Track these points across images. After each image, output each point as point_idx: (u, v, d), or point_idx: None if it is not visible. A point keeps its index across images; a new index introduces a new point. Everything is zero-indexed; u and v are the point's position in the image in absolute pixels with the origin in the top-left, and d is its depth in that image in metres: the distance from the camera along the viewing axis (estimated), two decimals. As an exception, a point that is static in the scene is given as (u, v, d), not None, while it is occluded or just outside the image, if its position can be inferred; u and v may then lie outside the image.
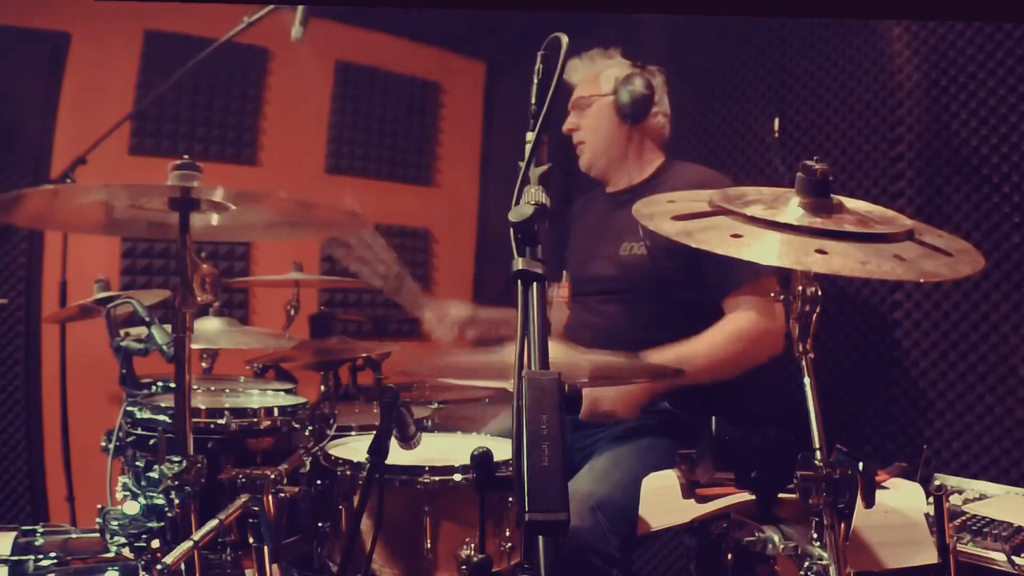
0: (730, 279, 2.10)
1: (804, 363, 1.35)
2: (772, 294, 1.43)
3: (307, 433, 2.03)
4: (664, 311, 2.19)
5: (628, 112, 2.30)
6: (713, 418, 1.49)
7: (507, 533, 1.73)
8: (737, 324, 2.10)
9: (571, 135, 2.41)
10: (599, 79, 2.36)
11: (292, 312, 2.95)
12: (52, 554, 1.65)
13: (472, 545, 1.65)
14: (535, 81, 1.30)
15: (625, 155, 2.36)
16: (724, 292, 2.13)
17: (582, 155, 2.41)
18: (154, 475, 1.51)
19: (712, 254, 1.31)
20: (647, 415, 2.15)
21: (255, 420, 2.05)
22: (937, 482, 1.73)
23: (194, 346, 1.61)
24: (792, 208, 1.39)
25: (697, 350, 2.08)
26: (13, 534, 1.68)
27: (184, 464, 1.49)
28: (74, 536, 1.71)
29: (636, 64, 2.35)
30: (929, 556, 1.43)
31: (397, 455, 1.64)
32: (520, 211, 1.15)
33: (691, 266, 2.12)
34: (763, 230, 1.35)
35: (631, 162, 2.37)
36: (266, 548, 1.51)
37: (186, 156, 1.57)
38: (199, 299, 1.54)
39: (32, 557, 1.63)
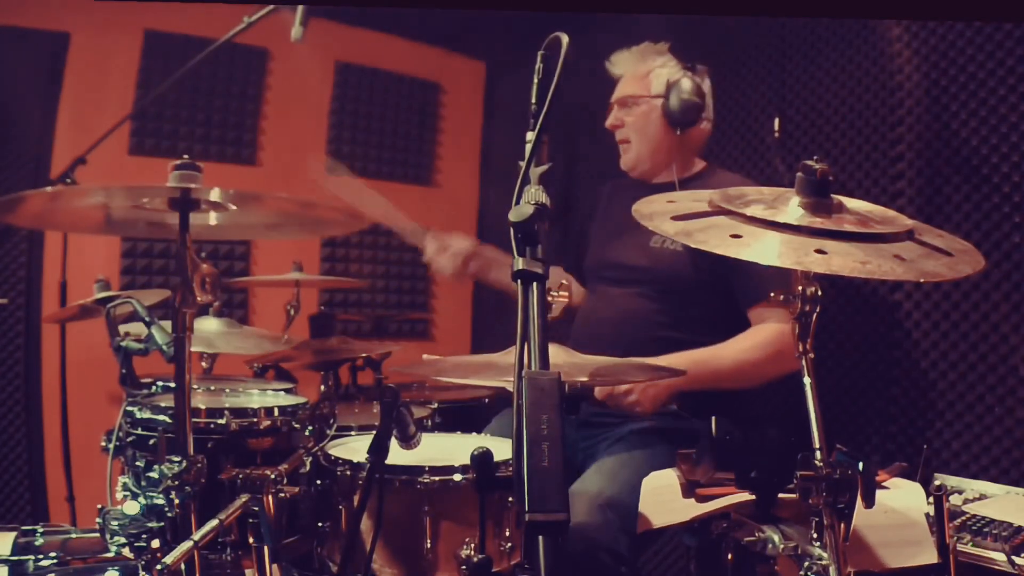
0: (760, 289, 2.06)
1: (804, 363, 1.35)
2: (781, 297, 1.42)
3: (307, 433, 2.03)
4: (685, 311, 2.18)
5: (678, 119, 2.26)
6: (713, 418, 1.49)
7: (507, 533, 1.73)
8: (766, 333, 2.09)
9: (614, 131, 2.37)
10: (648, 78, 2.32)
11: (292, 312, 2.94)
12: (52, 554, 1.65)
13: (472, 545, 1.65)
14: (535, 81, 1.31)
15: (670, 160, 2.33)
16: (752, 301, 2.11)
17: (626, 154, 2.37)
18: (154, 475, 1.51)
19: (743, 261, 1.31)
20: (655, 416, 2.15)
21: (255, 420, 2.05)
22: (937, 482, 1.73)
23: (192, 348, 1.61)
24: (792, 208, 1.40)
25: (724, 355, 2.08)
26: (13, 534, 1.68)
27: (184, 464, 1.49)
28: (74, 536, 1.71)
29: (686, 65, 2.31)
30: (929, 556, 1.44)
31: (397, 455, 1.64)
32: (520, 211, 1.16)
33: (722, 270, 2.09)
34: (763, 230, 1.35)
35: (675, 167, 2.33)
36: (266, 548, 1.51)
37: (186, 156, 1.57)
38: (199, 299, 1.54)
39: (32, 557, 1.63)
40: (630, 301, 2.26)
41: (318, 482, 1.91)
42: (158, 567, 1.33)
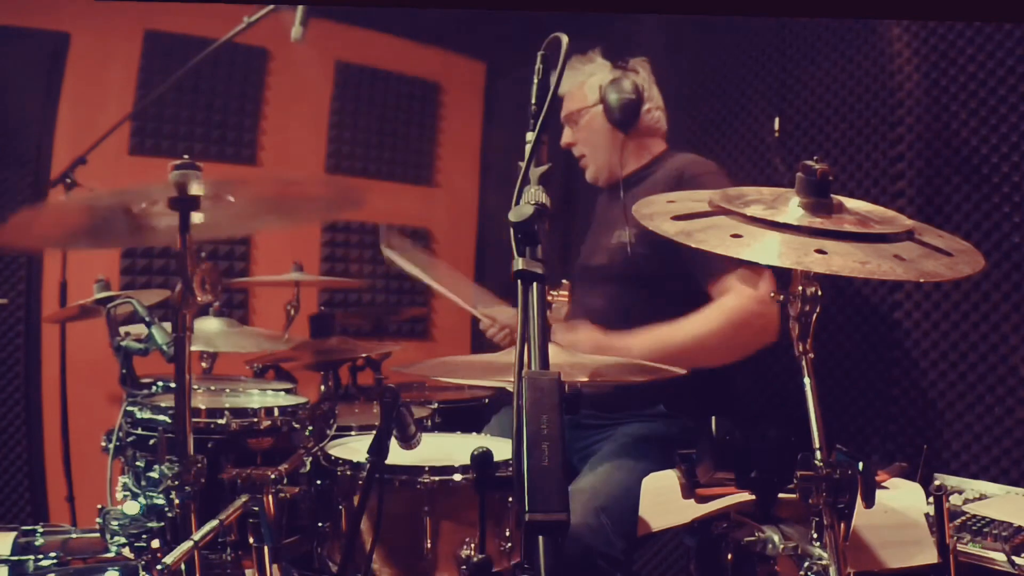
0: (715, 263, 2.04)
1: (804, 363, 1.35)
2: (765, 286, 1.42)
3: (307, 433, 2.03)
4: (646, 300, 2.18)
5: (619, 119, 2.26)
6: (713, 418, 1.49)
7: (507, 533, 1.73)
8: (723, 307, 2.06)
9: (569, 149, 2.39)
10: (584, 89, 2.32)
11: (292, 312, 2.95)
12: (52, 554, 1.65)
13: (472, 545, 1.65)
14: (535, 81, 1.31)
15: (625, 159, 2.33)
16: (710, 277, 2.09)
17: (586, 168, 2.39)
18: (154, 475, 1.51)
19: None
20: (650, 418, 2.14)
21: (255, 420, 2.05)
22: (937, 482, 1.73)
23: (193, 348, 1.61)
24: (792, 208, 1.40)
25: (678, 332, 2.05)
26: (13, 534, 1.68)
27: (184, 464, 1.49)
28: (74, 536, 1.71)
29: (618, 64, 2.30)
30: (929, 556, 1.44)
31: (397, 455, 1.64)
32: (520, 211, 1.16)
33: (673, 255, 2.03)
34: (763, 230, 1.35)
35: (633, 162, 2.34)
36: (266, 548, 1.51)
37: (186, 156, 1.57)
38: (199, 299, 1.54)
39: (32, 557, 1.64)
40: (595, 300, 2.28)
41: (318, 482, 1.91)
42: (158, 567, 1.33)
